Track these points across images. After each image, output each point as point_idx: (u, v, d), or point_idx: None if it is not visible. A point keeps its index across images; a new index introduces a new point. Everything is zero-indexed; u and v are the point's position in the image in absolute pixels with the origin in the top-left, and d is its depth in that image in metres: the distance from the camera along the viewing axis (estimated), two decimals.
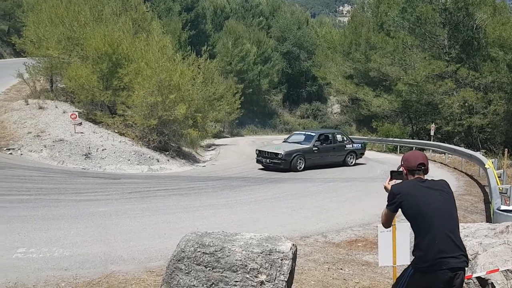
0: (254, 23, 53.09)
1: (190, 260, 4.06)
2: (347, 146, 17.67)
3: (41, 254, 6.15)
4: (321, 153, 16.85)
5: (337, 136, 17.91)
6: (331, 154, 17.18)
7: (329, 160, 17.13)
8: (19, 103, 20.25)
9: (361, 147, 18.22)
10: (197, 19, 47.51)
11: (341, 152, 17.51)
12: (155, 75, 17.30)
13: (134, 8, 22.75)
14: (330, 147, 17.26)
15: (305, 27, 53.89)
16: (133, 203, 10.01)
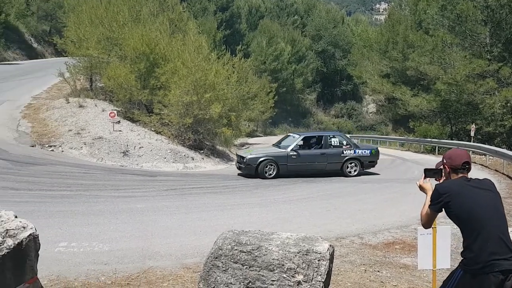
0: (288, 22, 52.95)
1: (227, 257, 4.08)
2: (345, 152, 14.49)
3: (81, 249, 6.33)
4: (303, 160, 14.13)
5: (332, 140, 14.79)
6: (319, 161, 14.31)
7: (316, 167, 14.39)
8: (60, 102, 20.92)
9: (369, 154, 14.75)
10: (232, 19, 47.82)
11: (336, 159, 14.43)
12: (191, 75, 17.50)
13: (171, 9, 23.11)
14: (317, 153, 14.37)
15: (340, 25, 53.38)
16: (169, 200, 10.16)
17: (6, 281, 2.93)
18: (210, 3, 44.15)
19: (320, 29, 51.55)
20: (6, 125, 17.76)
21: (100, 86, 22.99)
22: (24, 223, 3.15)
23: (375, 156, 15.03)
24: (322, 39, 50.90)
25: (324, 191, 12.29)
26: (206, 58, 18.74)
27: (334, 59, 51.41)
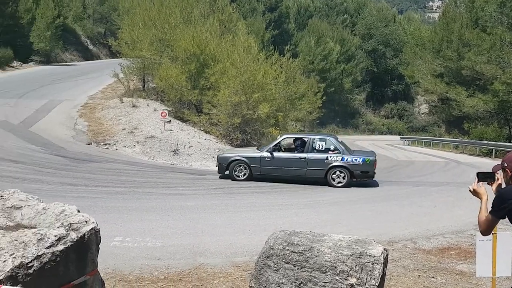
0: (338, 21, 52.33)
1: (279, 257, 4.07)
2: (330, 158, 12.36)
3: (135, 244, 6.52)
4: (277, 163, 12.64)
5: (318, 143, 12.69)
6: (297, 166, 12.55)
7: (294, 173, 12.68)
8: (115, 101, 21.71)
9: (362, 163, 12.32)
10: (281, 19, 47.84)
11: (318, 165, 12.43)
12: (240, 75, 17.66)
13: (221, 10, 23.44)
14: (295, 157, 12.59)
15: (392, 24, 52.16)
16: (218, 198, 10.29)
17: (69, 273, 3.06)
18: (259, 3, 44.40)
19: (370, 28, 50.58)
20: (64, 124, 18.63)
21: (152, 87, 23.66)
22: (86, 218, 3.28)
23: (369, 165, 12.34)
24: (372, 38, 49.93)
25: (375, 193, 12.03)
26: (255, 58, 18.84)
27: (385, 58, 50.30)
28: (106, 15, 51.36)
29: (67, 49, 45.72)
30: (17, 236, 2.97)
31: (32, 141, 15.26)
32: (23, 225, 3.18)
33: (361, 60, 48.05)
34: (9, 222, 3.20)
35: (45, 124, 18.04)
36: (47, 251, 2.89)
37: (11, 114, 18.82)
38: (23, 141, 15.05)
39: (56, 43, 39.37)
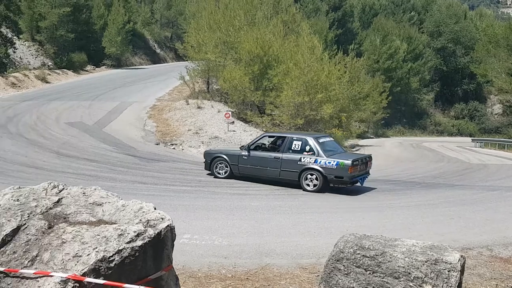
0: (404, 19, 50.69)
1: (349, 261, 4.00)
2: (303, 160, 11.11)
3: (203, 241, 6.67)
4: (254, 162, 11.81)
5: (294, 143, 11.47)
6: (271, 166, 11.56)
7: (269, 173, 11.69)
8: (181, 103, 22.39)
9: (335, 167, 10.74)
10: (344, 18, 47.16)
11: (291, 166, 11.28)
12: (303, 75, 17.58)
13: (284, 11, 23.49)
14: (270, 156, 11.60)
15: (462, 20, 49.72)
16: (281, 199, 10.29)
17: (146, 268, 3.18)
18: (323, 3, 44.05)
19: (439, 25, 48.49)
20: (134, 125, 19.48)
21: (216, 88, 24.17)
22: (162, 215, 3.39)
23: (343, 170, 10.64)
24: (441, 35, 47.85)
25: (446, 197, 11.50)
26: (319, 58, 18.68)
27: (454, 56, 48.02)
28: (173, 19, 53.16)
29: (136, 53, 47.82)
30: (100, 231, 3.12)
31: (105, 141, 16.08)
32: (104, 220, 3.34)
33: (429, 59, 46.17)
34: (91, 217, 3.38)
35: (117, 125, 18.95)
36: (127, 246, 3.02)
37: (86, 115, 19.95)
38: (97, 141, 15.90)
39: (126, 48, 41.32)
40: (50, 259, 2.96)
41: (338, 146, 12.36)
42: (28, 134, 15.67)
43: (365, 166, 11.39)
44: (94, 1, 40.80)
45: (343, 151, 12.32)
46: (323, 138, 12.03)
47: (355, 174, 10.86)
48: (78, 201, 3.58)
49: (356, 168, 10.82)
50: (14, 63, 30.95)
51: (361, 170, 11.13)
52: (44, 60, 34.24)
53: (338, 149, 12.06)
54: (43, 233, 3.14)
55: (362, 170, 11.21)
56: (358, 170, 10.94)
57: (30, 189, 3.66)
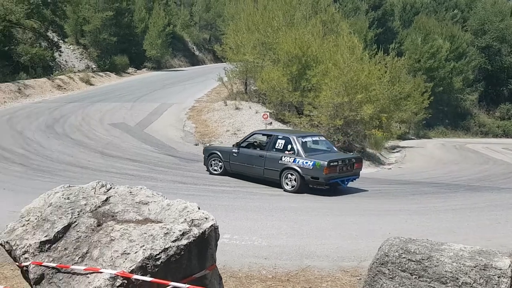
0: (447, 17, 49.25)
1: (394, 265, 3.91)
2: (284, 159, 10.83)
3: (243, 242, 6.70)
4: (242, 159, 11.69)
5: (278, 141, 11.24)
6: (256, 164, 11.36)
7: (254, 171, 11.50)
8: (219, 104, 22.59)
9: (312, 167, 10.37)
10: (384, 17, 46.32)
11: (273, 165, 11.02)
12: (343, 75, 17.36)
13: (323, 11, 23.31)
14: (256, 154, 11.43)
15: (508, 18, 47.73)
16: (321, 201, 10.19)
17: (191, 266, 3.22)
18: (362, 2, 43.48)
19: (484, 23, 46.77)
20: (174, 126, 19.81)
21: (254, 89, 24.22)
22: (206, 214, 3.42)
23: (319, 171, 10.25)
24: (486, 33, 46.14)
25: (492, 201, 11.08)
26: (359, 58, 18.40)
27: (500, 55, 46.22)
28: (211, 21, 53.78)
29: (176, 55, 48.66)
30: (146, 229, 3.19)
31: (146, 141, 16.43)
32: (151, 219, 3.41)
33: (473, 58, 44.64)
34: (138, 216, 3.46)
35: (157, 126, 19.33)
36: (172, 245, 3.07)
37: (128, 117, 20.45)
38: (139, 141, 16.27)
39: (166, 50, 42.10)
40: (100, 256, 3.05)
41: (327, 147, 11.90)
42: (74, 134, 16.22)
43: (350, 167, 10.87)
44: (135, 5, 41.81)
45: (335, 151, 11.80)
46: (309, 137, 11.70)
47: (332, 175, 10.42)
48: (125, 200, 3.67)
49: (333, 169, 10.35)
50: (60, 66, 32.13)
51: (342, 172, 10.65)
52: (88, 63, 35.37)
53: (326, 149, 11.64)
54: (93, 231, 3.24)
55: (344, 172, 10.73)
56: (337, 171, 10.47)
57: (79, 188, 3.79)
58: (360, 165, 11.23)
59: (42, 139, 14.93)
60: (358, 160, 11.21)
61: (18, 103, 22.39)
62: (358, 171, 11.25)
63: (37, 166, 11.54)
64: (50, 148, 13.86)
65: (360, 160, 11.32)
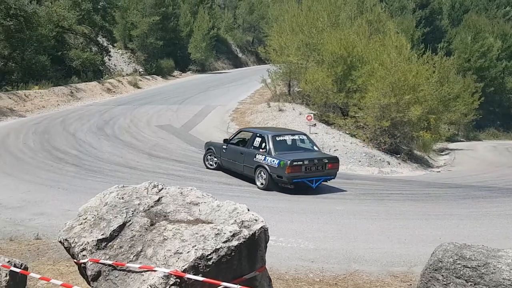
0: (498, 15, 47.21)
1: (448, 271, 3.78)
2: (257, 157, 10.87)
3: (289, 244, 6.68)
4: (229, 155, 11.96)
5: (256, 139, 11.25)
6: (238, 161, 11.58)
7: (237, 167, 11.75)
8: (262, 106, 22.66)
9: (277, 166, 10.28)
10: (432, 15, 44.92)
11: (250, 162, 11.13)
12: (389, 76, 16.98)
13: (369, 10, 22.91)
14: (239, 150, 11.64)
15: None
16: (367, 204, 10.01)
17: (241, 267, 3.24)
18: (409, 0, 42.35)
19: None
20: (218, 127, 20.03)
21: (298, 91, 24.13)
22: (255, 216, 3.43)
23: (282, 170, 10.14)
24: None
25: None
26: (406, 58, 17.94)
27: None
28: (255, 24, 54.05)
29: (219, 58, 49.24)
30: (198, 229, 3.24)
31: (192, 143, 16.70)
32: (201, 220, 3.46)
33: None
34: (189, 216, 3.51)
35: (202, 128, 19.62)
36: (223, 245, 3.10)
37: (174, 119, 20.88)
38: (184, 143, 16.56)
39: (210, 53, 42.72)
40: (153, 254, 3.12)
41: (307, 146, 11.56)
42: (123, 136, 16.72)
43: (321, 168, 10.56)
44: (181, 9, 42.66)
45: (313, 151, 11.36)
46: (287, 136, 11.44)
47: (296, 175, 10.21)
48: (176, 200, 3.74)
49: (297, 168, 10.15)
50: (109, 70, 33.25)
51: (310, 172, 10.41)
52: (136, 67, 36.40)
53: (305, 149, 11.37)
54: (146, 230, 3.32)
55: (313, 172, 10.47)
56: (302, 171, 10.26)
57: (133, 188, 3.89)
58: (335, 166, 10.91)
59: (93, 141, 15.49)
60: (332, 160, 10.86)
61: (70, 106, 23.34)
62: (333, 172, 10.92)
63: (89, 166, 11.98)
64: (101, 149, 14.35)
65: (335, 160, 10.98)
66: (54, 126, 17.63)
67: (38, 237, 6.57)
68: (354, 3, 23.08)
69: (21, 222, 7.31)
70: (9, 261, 4.03)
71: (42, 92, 23.03)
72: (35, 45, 23.52)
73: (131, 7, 35.76)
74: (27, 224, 7.25)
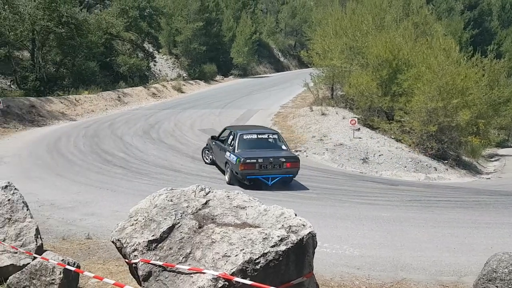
0: None
1: (503, 282, 3.62)
2: (226, 153, 11.51)
3: (333, 250, 6.59)
4: (215, 152, 12.81)
5: (230, 136, 11.86)
6: (219, 157, 12.26)
7: (218, 164, 12.67)
8: (305, 110, 22.54)
9: (235, 162, 10.78)
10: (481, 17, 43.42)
11: (222, 158, 11.91)
12: (437, 79, 16.50)
13: (415, 12, 22.39)
14: (219, 147, 12.34)
15: None
16: (414, 211, 9.74)
17: (289, 272, 3.22)
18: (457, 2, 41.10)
19: None
20: None
21: (341, 95, 23.85)
22: (303, 221, 3.41)
23: (237, 166, 10.61)
24: None
25: None
26: (454, 61, 17.37)
27: None
28: (297, 27, 54.00)
29: (261, 62, 49.48)
30: (245, 233, 3.25)
31: None
32: (248, 224, 3.48)
33: None
34: (236, 220, 3.54)
35: None
36: (271, 250, 3.10)
37: (216, 122, 21.11)
38: None
39: (252, 57, 43.01)
40: (202, 257, 3.16)
41: (275, 144, 11.75)
42: (167, 139, 17.08)
43: (279, 166, 10.78)
44: (224, 14, 43.23)
45: (279, 149, 11.54)
46: (256, 134, 11.83)
47: (250, 172, 10.60)
48: (223, 203, 3.77)
49: (250, 166, 10.55)
50: (154, 75, 34.11)
51: (265, 169, 10.70)
52: (180, 72, 37.16)
53: (272, 147, 11.60)
54: (194, 232, 3.37)
55: (268, 170, 10.73)
56: (256, 168, 10.60)
57: (181, 191, 3.96)
58: (294, 165, 11.06)
59: (139, 144, 15.91)
60: (290, 160, 11.03)
61: (117, 110, 24.09)
62: (293, 171, 11.11)
63: (135, 168, 12.31)
64: (146, 152, 14.72)
65: (294, 160, 11.16)
66: (102, 130, 18.24)
67: (89, 237, 6.81)
68: (399, 6, 22.60)
69: (73, 222, 7.60)
70: (63, 260, 4.19)
71: (91, 97, 23.91)
72: (85, 52, 24.44)
73: (176, 14, 36.56)
74: (78, 224, 7.53)
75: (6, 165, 12.25)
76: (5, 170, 11.50)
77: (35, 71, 22.38)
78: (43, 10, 21.27)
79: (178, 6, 36.78)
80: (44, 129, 18.45)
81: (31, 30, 21.69)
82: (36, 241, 4.66)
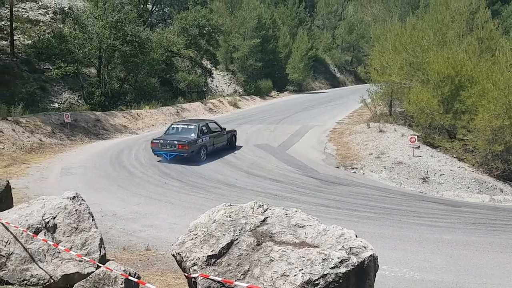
0: None
1: None
2: None
3: (392, 273, 6.37)
4: None
5: None
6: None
7: None
8: (361, 127, 22.14)
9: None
10: None
11: None
12: (503, 97, 15.68)
13: (479, 27, 21.53)
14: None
15: None
16: (478, 235, 9.24)
17: None
18: None
19: None
20: (315, 147, 19.92)
21: (400, 111, 23.23)
22: (364, 243, 3.32)
23: None
24: None
25: None
26: None
27: None
28: (354, 43, 53.51)
29: (317, 78, 49.36)
30: (304, 253, 3.21)
31: (289, 162, 16.78)
32: (307, 243, 3.43)
33: None
34: (295, 239, 3.51)
35: (299, 147, 19.65)
36: (331, 272, 3.03)
37: (271, 138, 21.19)
38: (281, 162, 16.70)
39: (307, 73, 43.02)
40: (260, 275, 3.15)
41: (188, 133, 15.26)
42: (223, 154, 17.32)
43: (174, 147, 14.67)
44: (280, 31, 43.66)
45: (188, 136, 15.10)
46: (180, 125, 16.24)
47: (156, 149, 15.01)
48: (281, 221, 3.75)
49: (155, 145, 14.91)
50: (211, 91, 34.93)
51: (163, 148, 14.81)
52: (236, 87, 37.82)
53: (184, 134, 15.22)
54: (253, 249, 3.37)
55: (166, 148, 14.78)
56: (159, 146, 14.83)
57: (239, 207, 3.99)
58: (184, 147, 14.60)
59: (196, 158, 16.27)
60: (181, 143, 14.65)
61: None
62: (183, 151, 14.67)
63: (192, 182, 12.57)
64: (203, 167, 15.01)
65: (183, 143, 14.62)
66: None
67: (148, 248, 6.99)
68: (463, 21, 21.81)
69: (133, 233, 7.85)
70: (125, 270, 4.32)
71: (151, 112, 24.81)
72: (147, 69, 25.49)
73: (233, 31, 37.36)
74: (138, 235, 7.77)
75: (73, 176, 12.92)
76: (72, 181, 12.14)
77: (101, 87, 23.60)
78: (109, 29, 22.48)
79: (236, 24, 37.61)
80: (107, 142, 19.33)
81: (98, 48, 22.97)
82: (100, 251, 4.85)
